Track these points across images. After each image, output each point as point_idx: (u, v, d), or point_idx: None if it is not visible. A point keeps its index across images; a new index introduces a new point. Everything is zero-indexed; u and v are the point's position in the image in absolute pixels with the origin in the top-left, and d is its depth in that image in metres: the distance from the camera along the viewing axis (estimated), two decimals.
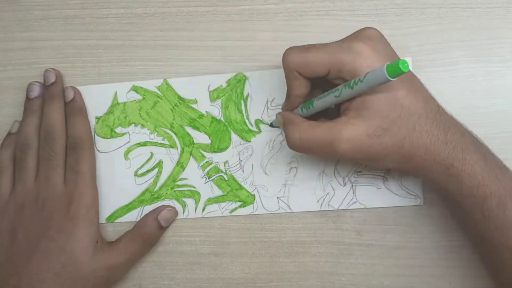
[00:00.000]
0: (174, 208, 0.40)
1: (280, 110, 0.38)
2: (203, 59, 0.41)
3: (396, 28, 0.39)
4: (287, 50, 0.33)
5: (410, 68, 0.30)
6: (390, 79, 0.27)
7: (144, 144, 0.41)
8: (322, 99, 0.33)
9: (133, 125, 0.41)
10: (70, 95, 0.40)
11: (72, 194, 0.37)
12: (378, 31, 0.32)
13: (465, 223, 0.34)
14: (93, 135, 0.41)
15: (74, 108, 0.40)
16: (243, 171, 0.40)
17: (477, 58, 0.39)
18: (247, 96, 0.40)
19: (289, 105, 0.35)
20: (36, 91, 0.40)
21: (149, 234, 0.39)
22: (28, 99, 0.40)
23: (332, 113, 0.35)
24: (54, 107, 0.39)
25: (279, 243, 0.39)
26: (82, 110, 0.40)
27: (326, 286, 0.39)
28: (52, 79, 0.40)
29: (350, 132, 0.30)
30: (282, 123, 0.35)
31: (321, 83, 0.33)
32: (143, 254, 0.39)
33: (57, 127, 0.38)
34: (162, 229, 0.39)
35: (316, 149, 0.32)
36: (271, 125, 0.39)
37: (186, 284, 0.40)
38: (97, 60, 0.41)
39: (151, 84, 0.41)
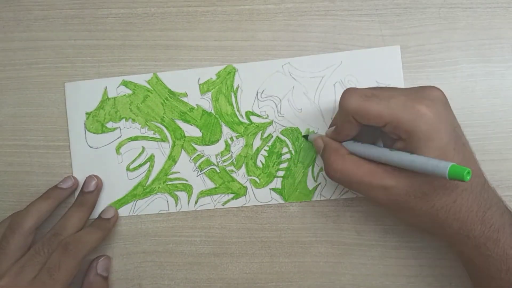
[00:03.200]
0: (105, 254, 0.40)
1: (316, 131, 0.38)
2: (203, 59, 0.41)
3: (396, 28, 0.39)
4: (347, 92, 0.31)
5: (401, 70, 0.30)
6: (447, 178, 0.26)
7: (135, 138, 0.41)
8: (369, 153, 0.32)
9: (124, 120, 0.41)
10: (108, 215, 0.40)
11: None
12: (442, 93, 0.31)
13: None
14: (84, 133, 0.41)
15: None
16: (234, 163, 0.40)
17: (477, 58, 0.39)
18: (237, 88, 0.40)
19: (335, 138, 0.35)
20: (67, 184, 0.40)
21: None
22: (55, 186, 0.40)
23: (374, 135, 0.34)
24: (79, 214, 0.38)
25: (279, 243, 0.39)
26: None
27: (326, 286, 0.39)
28: (91, 188, 0.40)
29: (391, 183, 0.30)
30: (321, 148, 0.35)
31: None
32: None
33: (66, 234, 0.37)
34: (107, 279, 0.39)
35: (352, 185, 0.32)
36: (305, 137, 0.39)
37: (186, 284, 0.40)
38: (97, 60, 0.41)
39: (141, 79, 0.41)
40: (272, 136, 0.40)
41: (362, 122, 0.31)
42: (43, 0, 0.42)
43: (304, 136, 0.39)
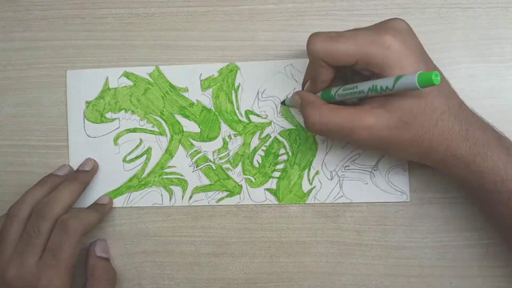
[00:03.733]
0: (101, 238, 0.40)
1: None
2: (203, 59, 0.41)
3: None
4: (312, 37, 0.32)
5: None
6: (420, 88, 0.27)
7: (133, 130, 0.41)
8: (345, 95, 0.33)
9: (123, 111, 0.41)
10: (104, 201, 0.40)
11: (40, 278, 0.34)
12: (406, 23, 0.32)
13: (492, 217, 0.33)
14: (83, 122, 0.41)
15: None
16: (231, 161, 0.40)
17: (477, 58, 0.39)
18: (238, 87, 0.40)
19: (312, 89, 0.35)
20: (63, 171, 0.40)
21: (104, 273, 0.38)
22: (51, 174, 0.39)
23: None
24: (71, 189, 0.38)
25: (279, 243, 0.39)
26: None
27: (326, 286, 0.39)
28: (87, 167, 0.40)
29: (371, 121, 0.30)
30: (299, 103, 0.35)
31: (345, 67, 0.33)
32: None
33: (57, 206, 0.36)
34: (108, 260, 0.39)
35: (334, 133, 0.32)
36: (283, 103, 0.39)
37: (186, 284, 0.40)
38: (97, 60, 0.41)
39: (143, 71, 0.41)
40: (270, 137, 0.40)
41: (332, 64, 0.31)
42: (43, 0, 0.42)
43: (282, 103, 0.39)
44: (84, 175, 0.39)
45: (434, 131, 0.30)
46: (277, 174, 0.39)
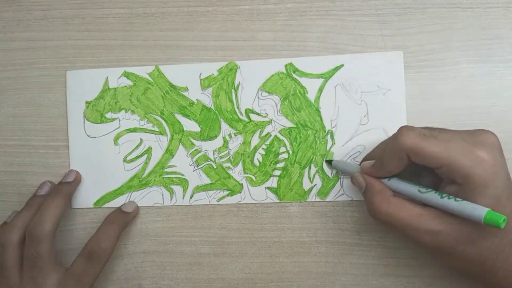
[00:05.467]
0: (133, 202, 0.40)
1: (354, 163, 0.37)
2: (203, 59, 0.41)
3: (396, 29, 0.39)
4: (405, 129, 0.31)
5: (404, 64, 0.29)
6: (482, 223, 0.27)
7: (134, 130, 0.41)
8: (413, 194, 0.32)
9: (123, 111, 0.41)
10: (69, 177, 0.40)
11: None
12: (497, 138, 0.30)
13: None
14: (83, 122, 0.41)
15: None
16: (231, 160, 0.40)
17: (477, 58, 0.39)
18: (238, 85, 0.40)
19: (378, 173, 0.34)
20: (45, 190, 0.40)
21: (120, 219, 0.39)
22: (34, 195, 0.39)
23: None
24: (56, 203, 0.38)
25: (279, 243, 0.39)
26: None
27: (326, 286, 0.39)
28: (70, 179, 0.40)
29: (439, 227, 0.29)
30: (363, 187, 0.34)
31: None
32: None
33: (47, 225, 0.36)
34: (127, 214, 0.39)
35: (396, 228, 0.31)
36: (328, 162, 0.39)
37: (186, 284, 0.40)
38: (97, 60, 0.41)
39: (143, 71, 0.41)
40: (271, 135, 0.40)
41: (415, 162, 0.31)
42: (43, 0, 0.42)
43: (327, 161, 0.39)
44: (67, 186, 0.39)
45: (499, 256, 0.29)
46: (277, 172, 0.39)
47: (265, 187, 0.40)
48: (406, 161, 0.31)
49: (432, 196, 0.30)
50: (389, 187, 0.33)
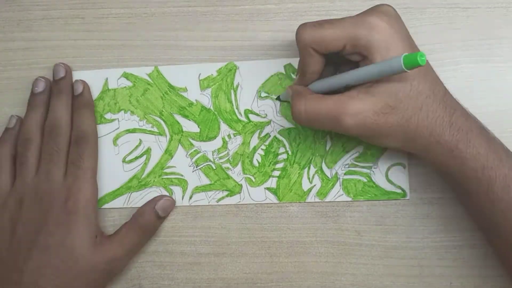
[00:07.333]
0: (172, 198, 0.40)
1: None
2: (203, 59, 0.41)
3: None
4: (300, 26, 0.32)
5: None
6: (406, 70, 0.27)
7: (133, 131, 0.41)
8: (330, 83, 0.33)
9: (122, 111, 0.41)
10: (79, 89, 0.40)
11: (70, 189, 0.36)
12: (394, 9, 0.32)
13: (471, 207, 0.34)
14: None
15: (81, 102, 0.39)
16: (231, 161, 0.40)
17: (477, 58, 0.39)
18: (237, 86, 0.40)
19: (303, 82, 0.35)
20: (41, 86, 0.40)
21: (147, 225, 0.39)
22: (32, 94, 0.40)
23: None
24: (62, 102, 0.39)
25: (279, 243, 0.40)
26: (89, 105, 0.40)
27: (326, 286, 0.39)
28: (61, 73, 0.40)
29: (357, 106, 0.30)
30: (291, 96, 0.35)
31: (334, 58, 0.33)
32: (143, 245, 0.39)
33: (63, 122, 0.38)
34: (160, 219, 0.39)
35: (320, 122, 0.32)
36: (278, 98, 0.39)
37: (186, 284, 0.40)
38: (97, 60, 0.41)
39: (142, 71, 0.41)
40: (270, 136, 0.40)
41: (321, 51, 0.31)
42: (43, 0, 0.42)
43: (277, 98, 0.39)
44: (65, 82, 0.40)
45: (419, 115, 0.31)
46: (277, 173, 0.39)
47: (265, 188, 0.40)
48: (316, 54, 0.32)
49: (350, 74, 0.31)
50: (314, 90, 0.34)
